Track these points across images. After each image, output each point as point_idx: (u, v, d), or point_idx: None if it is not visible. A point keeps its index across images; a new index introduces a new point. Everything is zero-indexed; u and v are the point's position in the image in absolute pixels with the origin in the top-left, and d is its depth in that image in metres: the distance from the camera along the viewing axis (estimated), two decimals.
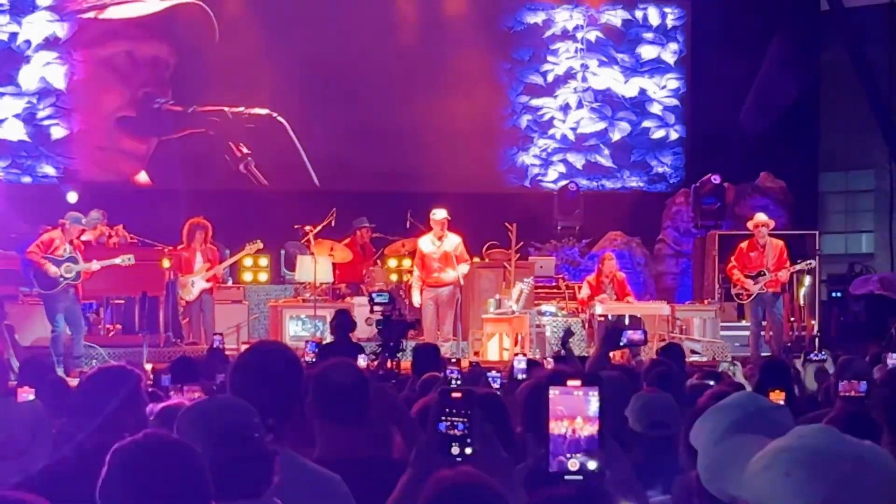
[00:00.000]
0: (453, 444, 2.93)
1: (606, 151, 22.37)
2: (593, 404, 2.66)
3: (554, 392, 2.65)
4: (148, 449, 2.66)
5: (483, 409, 4.61)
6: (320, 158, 20.87)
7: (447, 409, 2.95)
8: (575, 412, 2.66)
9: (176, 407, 4.48)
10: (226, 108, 20.84)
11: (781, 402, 5.58)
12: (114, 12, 20.89)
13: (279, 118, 20.73)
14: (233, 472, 3.19)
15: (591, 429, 2.65)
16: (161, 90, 21.00)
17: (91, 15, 20.81)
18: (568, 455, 2.63)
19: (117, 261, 15.37)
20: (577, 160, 22.29)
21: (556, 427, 2.65)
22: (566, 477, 2.62)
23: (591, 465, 2.63)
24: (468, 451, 2.91)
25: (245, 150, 20.71)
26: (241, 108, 20.82)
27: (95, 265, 15.17)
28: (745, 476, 2.31)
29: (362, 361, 10.48)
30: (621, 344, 9.18)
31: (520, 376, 7.74)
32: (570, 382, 2.66)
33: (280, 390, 3.95)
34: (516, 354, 9.00)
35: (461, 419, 2.94)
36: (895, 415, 5.08)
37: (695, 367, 12.93)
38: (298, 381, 4.06)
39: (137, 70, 21.03)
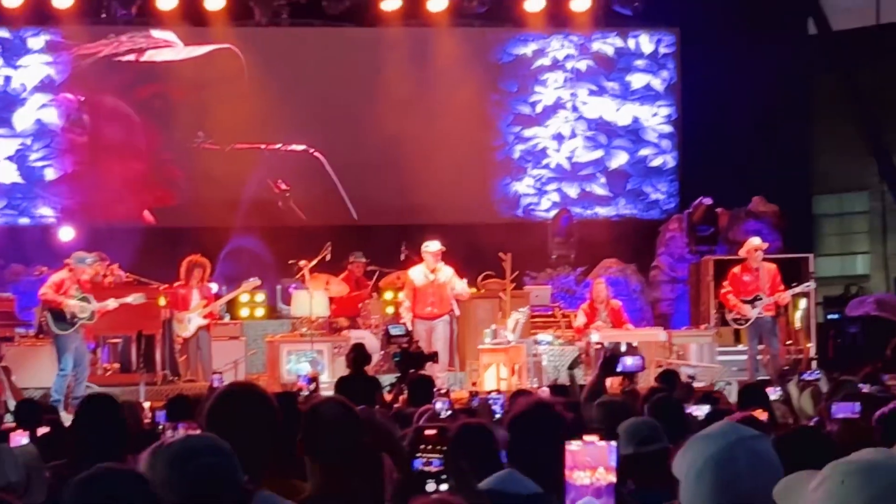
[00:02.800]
0: (429, 480, 2.90)
1: (602, 180, 22.36)
2: (611, 457, 2.64)
3: (572, 445, 2.63)
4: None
5: (472, 440, 4.62)
6: (318, 193, 20.91)
7: (422, 446, 2.92)
8: (592, 464, 2.64)
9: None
10: (262, 146, 20.93)
11: (764, 420, 5.64)
12: (152, 55, 20.93)
13: (315, 153, 20.82)
14: None
15: (608, 480, 2.63)
16: (195, 131, 20.95)
17: (131, 58, 20.84)
18: None
19: (129, 299, 15.39)
20: (572, 189, 22.28)
21: (577, 479, 2.62)
22: None
23: None
24: (443, 486, 2.88)
25: (283, 187, 20.69)
26: (278, 146, 20.90)
27: (112, 303, 15.15)
28: (803, 499, 2.45)
29: (387, 395, 10.47)
30: (618, 371, 9.23)
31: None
32: (586, 437, 2.65)
33: (255, 436, 3.81)
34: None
35: (436, 455, 2.90)
36: None
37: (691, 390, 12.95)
38: (274, 425, 3.91)
39: (173, 111, 21.07)
